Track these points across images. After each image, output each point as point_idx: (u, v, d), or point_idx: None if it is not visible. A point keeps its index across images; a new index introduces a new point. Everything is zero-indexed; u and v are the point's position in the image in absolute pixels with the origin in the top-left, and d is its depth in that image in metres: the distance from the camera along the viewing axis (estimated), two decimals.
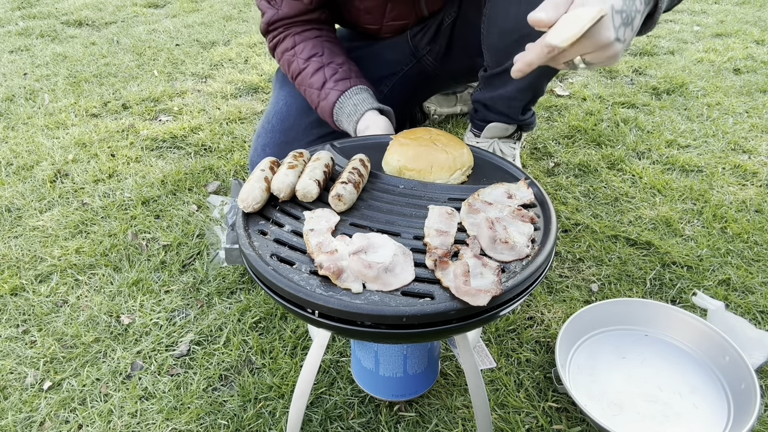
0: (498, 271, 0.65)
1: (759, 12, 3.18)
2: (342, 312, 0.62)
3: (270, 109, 1.48)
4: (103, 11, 3.44)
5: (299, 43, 1.31)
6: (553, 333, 1.16)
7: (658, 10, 0.77)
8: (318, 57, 1.28)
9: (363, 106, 1.21)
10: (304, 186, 0.79)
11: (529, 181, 0.86)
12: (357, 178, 0.82)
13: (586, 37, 0.69)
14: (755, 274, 1.30)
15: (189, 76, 2.49)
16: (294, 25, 1.32)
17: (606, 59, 0.72)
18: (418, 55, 1.52)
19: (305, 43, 1.30)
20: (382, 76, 1.53)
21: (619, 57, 0.73)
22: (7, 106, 2.21)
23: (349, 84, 1.25)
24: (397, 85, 1.54)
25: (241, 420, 1.00)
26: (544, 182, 1.66)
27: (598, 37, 0.69)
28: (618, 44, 0.71)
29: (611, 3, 0.69)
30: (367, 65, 1.44)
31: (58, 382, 1.08)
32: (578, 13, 0.67)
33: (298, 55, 1.30)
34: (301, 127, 1.41)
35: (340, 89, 1.24)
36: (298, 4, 1.29)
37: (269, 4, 1.31)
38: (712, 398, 1.01)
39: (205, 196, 1.63)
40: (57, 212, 1.56)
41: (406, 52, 1.53)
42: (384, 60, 1.53)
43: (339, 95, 1.23)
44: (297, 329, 1.17)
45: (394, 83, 1.54)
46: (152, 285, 1.30)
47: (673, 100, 2.15)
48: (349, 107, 1.22)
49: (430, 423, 1.00)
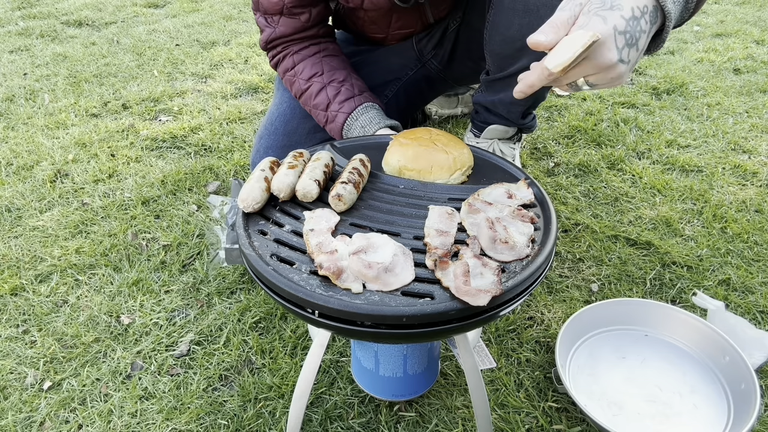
0: (498, 271, 0.65)
1: (759, 12, 3.18)
2: (342, 312, 0.62)
3: (273, 110, 1.48)
4: (103, 11, 3.44)
5: (299, 63, 1.28)
6: (553, 333, 1.16)
7: (666, 29, 0.74)
8: (318, 77, 1.27)
9: (372, 127, 1.20)
10: (304, 186, 0.79)
11: (529, 181, 0.86)
12: (357, 178, 0.82)
13: (587, 59, 0.67)
14: (755, 274, 1.30)
15: (189, 76, 2.49)
16: (292, 43, 1.30)
17: (610, 81, 0.70)
18: (423, 60, 1.52)
19: (305, 63, 1.28)
20: (387, 81, 1.53)
21: (624, 78, 0.70)
22: (7, 106, 2.20)
23: (354, 104, 1.23)
24: (401, 89, 1.54)
25: (241, 420, 1.00)
26: (544, 182, 1.66)
27: (600, 59, 0.68)
28: (621, 66, 0.69)
29: (614, 23, 0.67)
30: (372, 69, 1.44)
31: (58, 382, 1.08)
32: (574, 37, 0.66)
33: (299, 76, 1.28)
34: (305, 130, 1.41)
35: (346, 111, 1.22)
36: (294, 22, 1.26)
37: (267, 23, 1.29)
38: (712, 398, 1.01)
39: (205, 196, 1.63)
40: (57, 212, 1.56)
41: (411, 57, 1.52)
42: (389, 64, 1.53)
43: (346, 117, 1.22)
44: (297, 329, 1.17)
45: (398, 88, 1.54)
46: (152, 285, 1.30)
47: (673, 100, 2.15)
48: (357, 129, 1.21)
49: (430, 423, 1.00)
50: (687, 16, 0.79)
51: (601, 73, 0.69)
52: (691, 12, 0.79)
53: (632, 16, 0.68)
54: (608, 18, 0.67)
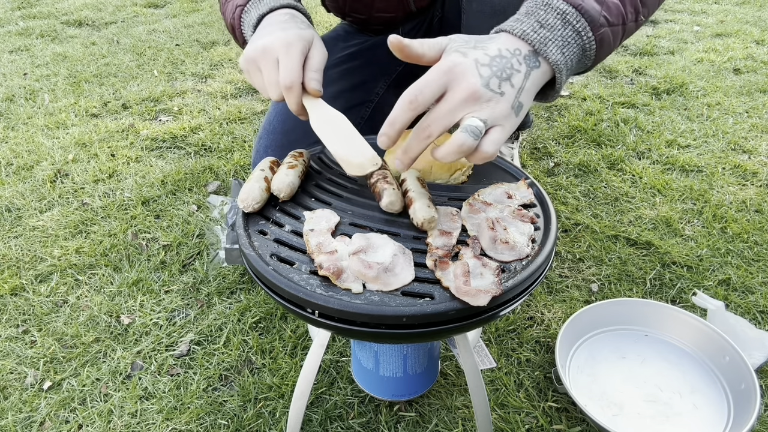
0: (498, 272, 0.65)
1: (759, 12, 3.18)
2: (342, 312, 0.62)
3: (271, 110, 1.48)
4: (103, 11, 3.44)
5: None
6: (553, 333, 1.16)
7: (558, 78, 0.67)
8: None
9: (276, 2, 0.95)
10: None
11: (529, 181, 0.86)
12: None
13: (451, 92, 0.62)
14: (755, 274, 1.30)
15: (189, 76, 2.49)
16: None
17: (489, 112, 0.62)
18: None
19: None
20: (376, 76, 1.53)
21: (511, 115, 0.63)
22: (7, 106, 2.20)
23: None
24: (392, 85, 1.54)
25: (241, 420, 1.00)
26: (544, 182, 1.66)
27: (463, 83, 0.62)
28: (489, 92, 0.62)
29: (475, 57, 0.63)
30: (362, 65, 1.43)
31: (58, 382, 1.08)
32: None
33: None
34: (303, 128, 1.40)
35: (242, 3, 0.96)
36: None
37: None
38: (712, 398, 1.01)
39: (205, 196, 1.63)
40: (57, 212, 1.56)
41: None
42: (377, 60, 1.53)
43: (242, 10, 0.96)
44: (297, 329, 1.17)
45: (389, 84, 1.54)
46: (152, 285, 1.30)
47: (673, 100, 2.15)
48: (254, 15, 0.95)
49: (430, 423, 1.00)
50: (590, 62, 0.72)
51: (476, 106, 0.62)
52: (593, 60, 0.71)
53: (498, 55, 0.64)
54: (469, 54, 0.64)
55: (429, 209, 0.72)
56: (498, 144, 0.62)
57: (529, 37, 0.65)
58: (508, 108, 0.63)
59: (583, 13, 0.66)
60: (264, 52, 0.79)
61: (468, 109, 0.62)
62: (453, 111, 0.62)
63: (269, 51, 0.79)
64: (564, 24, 0.66)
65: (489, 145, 0.62)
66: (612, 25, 0.69)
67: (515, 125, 0.65)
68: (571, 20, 0.66)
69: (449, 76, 0.63)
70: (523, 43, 0.65)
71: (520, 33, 0.65)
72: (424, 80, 0.63)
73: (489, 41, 0.66)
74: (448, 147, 0.62)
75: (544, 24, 0.66)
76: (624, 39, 0.75)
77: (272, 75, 0.79)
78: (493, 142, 0.62)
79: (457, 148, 0.61)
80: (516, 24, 0.66)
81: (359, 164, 0.75)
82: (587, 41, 0.67)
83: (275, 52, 0.79)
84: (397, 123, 0.64)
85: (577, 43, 0.67)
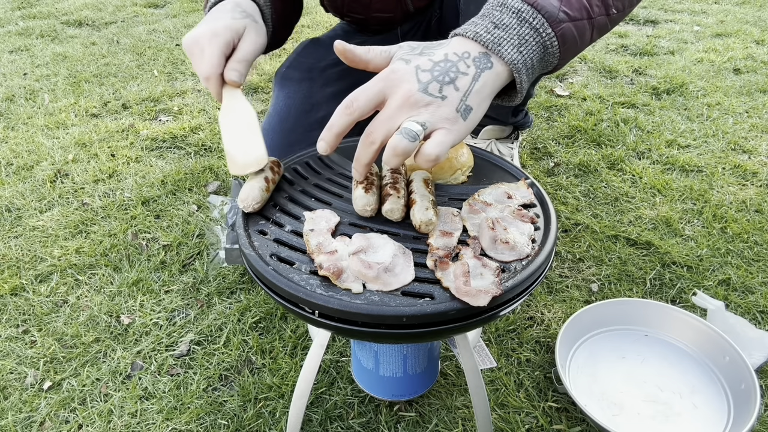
0: (498, 272, 0.65)
1: (759, 12, 3.18)
2: (342, 312, 0.62)
3: (270, 110, 1.48)
4: (103, 11, 3.44)
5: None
6: (553, 333, 1.16)
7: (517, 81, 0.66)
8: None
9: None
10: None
11: (529, 181, 0.86)
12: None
13: (391, 98, 0.62)
14: (755, 274, 1.30)
15: (189, 76, 2.49)
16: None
17: (428, 116, 0.61)
18: None
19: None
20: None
21: (457, 119, 0.61)
22: (7, 106, 2.20)
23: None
24: None
25: (241, 420, 1.00)
26: (544, 182, 1.66)
27: (399, 90, 0.62)
28: (427, 96, 0.61)
29: (416, 64, 0.63)
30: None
31: (58, 382, 1.08)
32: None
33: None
34: (302, 128, 1.40)
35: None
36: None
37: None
38: (712, 398, 1.01)
39: (205, 196, 1.63)
40: (57, 212, 1.56)
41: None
42: None
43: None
44: (297, 329, 1.17)
45: None
46: (152, 285, 1.30)
47: (673, 100, 2.15)
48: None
49: (430, 423, 1.00)
50: (557, 60, 0.69)
51: (414, 110, 0.61)
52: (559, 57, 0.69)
53: (443, 59, 0.63)
54: (412, 60, 0.64)
55: (427, 212, 0.72)
56: (443, 146, 0.61)
57: (482, 38, 0.64)
58: (451, 111, 0.62)
59: (539, 9, 0.65)
60: (193, 42, 0.82)
61: (406, 114, 0.62)
62: (392, 117, 0.62)
63: (197, 42, 0.82)
64: (520, 22, 0.65)
65: (433, 147, 0.60)
66: (574, 19, 0.67)
67: (466, 128, 0.64)
68: (527, 17, 0.65)
69: (386, 83, 0.63)
70: (474, 44, 0.64)
71: (473, 35, 0.65)
72: (362, 87, 0.63)
73: (438, 47, 0.66)
74: (386, 150, 0.61)
75: (499, 24, 0.65)
76: (598, 34, 0.73)
77: (198, 65, 0.83)
78: (438, 144, 0.61)
79: (391, 151, 0.60)
80: (470, 26, 0.66)
81: (243, 164, 0.77)
82: (547, 38, 0.66)
83: (201, 43, 0.81)
84: (334, 128, 0.65)
85: (536, 41, 0.65)
